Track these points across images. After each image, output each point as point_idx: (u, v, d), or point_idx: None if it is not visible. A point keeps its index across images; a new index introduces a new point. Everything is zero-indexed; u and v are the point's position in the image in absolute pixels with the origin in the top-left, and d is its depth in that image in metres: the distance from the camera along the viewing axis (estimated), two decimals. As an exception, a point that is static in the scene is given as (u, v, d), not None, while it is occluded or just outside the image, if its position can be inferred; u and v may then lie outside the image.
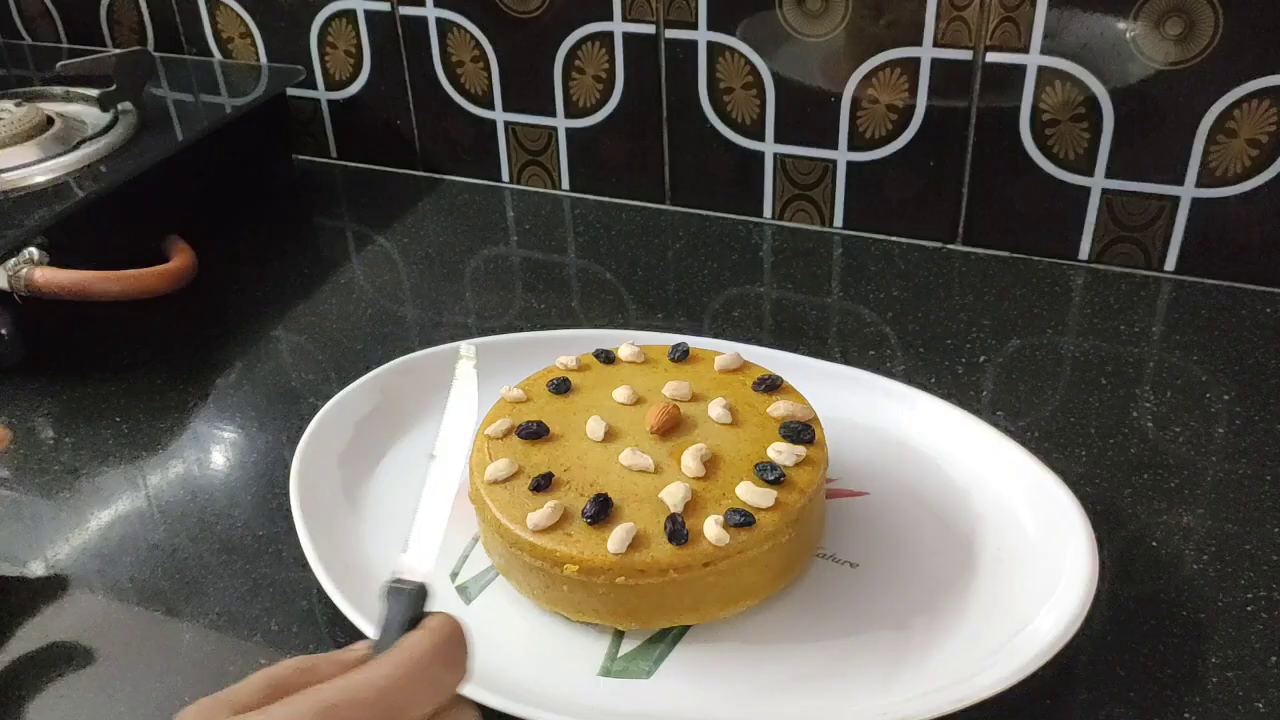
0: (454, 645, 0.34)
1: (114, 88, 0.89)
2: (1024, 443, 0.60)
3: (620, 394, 0.59)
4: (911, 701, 0.48)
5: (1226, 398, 0.68)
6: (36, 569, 0.60)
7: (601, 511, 0.51)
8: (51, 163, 0.82)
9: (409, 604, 0.35)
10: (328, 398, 0.67)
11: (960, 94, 0.79)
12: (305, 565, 0.56)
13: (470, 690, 0.47)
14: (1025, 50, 0.76)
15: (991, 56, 0.77)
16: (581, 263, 0.87)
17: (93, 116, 0.89)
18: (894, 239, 0.86)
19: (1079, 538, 0.53)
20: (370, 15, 0.94)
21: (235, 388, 0.74)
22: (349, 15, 0.95)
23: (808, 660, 0.52)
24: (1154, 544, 0.58)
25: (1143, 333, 0.74)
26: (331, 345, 0.77)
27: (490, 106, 0.95)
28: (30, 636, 0.56)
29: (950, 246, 0.85)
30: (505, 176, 0.98)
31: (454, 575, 0.57)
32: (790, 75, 0.84)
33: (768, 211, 0.90)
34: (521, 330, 0.76)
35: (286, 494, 0.60)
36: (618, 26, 0.87)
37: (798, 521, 0.52)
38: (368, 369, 0.69)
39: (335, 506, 0.60)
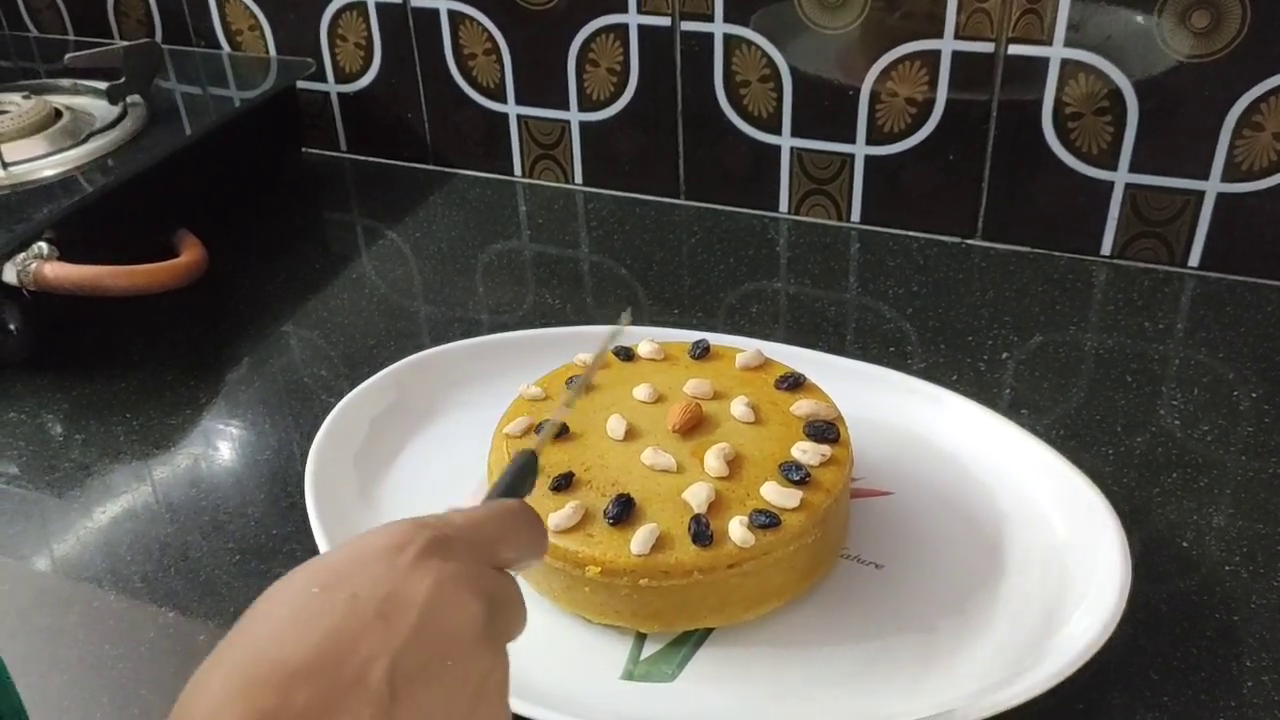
0: (531, 516, 0.39)
1: (122, 80, 0.88)
2: (1049, 441, 0.59)
3: (640, 392, 0.58)
4: (942, 707, 0.47)
5: (1254, 395, 0.67)
6: (46, 567, 0.59)
7: (624, 512, 0.50)
8: (60, 156, 0.81)
9: (515, 472, 0.41)
10: (339, 394, 0.66)
11: (981, 87, 0.78)
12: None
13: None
14: (1048, 42, 0.75)
15: (1013, 49, 0.76)
16: (595, 258, 0.86)
17: (101, 109, 0.88)
18: (913, 234, 0.85)
19: (1110, 539, 0.52)
20: (381, 7, 0.93)
21: (246, 384, 0.73)
22: (359, 7, 0.94)
23: (833, 664, 0.51)
24: (1184, 545, 0.57)
25: (1167, 329, 0.73)
26: (343, 341, 0.76)
27: (502, 100, 0.94)
28: (40, 637, 0.55)
29: (970, 241, 0.84)
30: (517, 170, 0.97)
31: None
32: (808, 68, 0.83)
33: (784, 206, 0.89)
34: (535, 326, 0.75)
35: (300, 492, 0.59)
36: (632, 19, 0.85)
37: (823, 522, 0.51)
38: (380, 365, 0.68)
39: (351, 505, 0.59)
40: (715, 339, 0.62)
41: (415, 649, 0.32)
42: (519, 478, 0.41)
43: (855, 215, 0.87)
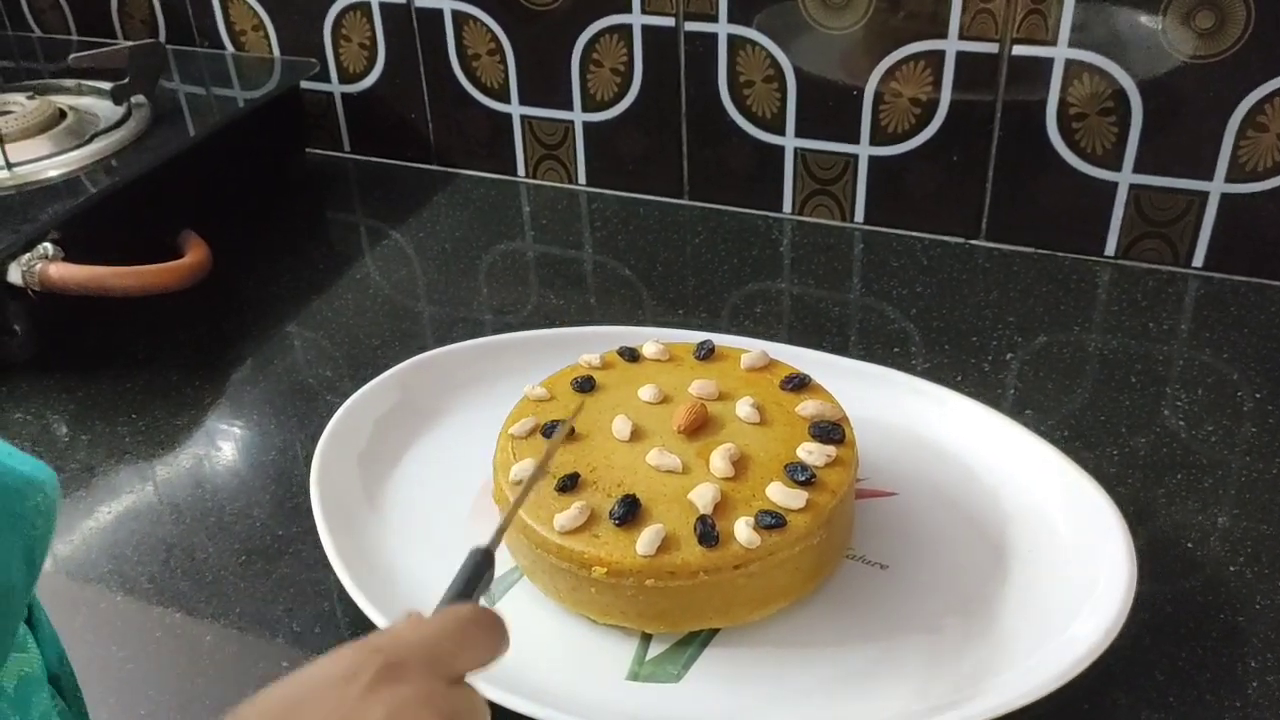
0: (487, 621, 0.37)
1: (127, 81, 0.88)
2: (1053, 441, 0.59)
3: (646, 393, 0.58)
4: (948, 707, 0.47)
5: (1258, 396, 0.67)
6: (51, 568, 0.59)
7: (630, 513, 0.51)
8: (64, 156, 0.81)
9: (467, 575, 0.39)
10: (343, 395, 0.66)
11: (985, 87, 0.78)
12: (326, 566, 0.55)
13: (495, 694, 0.47)
14: (1053, 43, 0.75)
15: (1018, 49, 0.76)
16: (599, 258, 0.86)
17: (105, 110, 0.88)
18: (916, 234, 0.85)
19: (1116, 540, 0.52)
20: (385, 7, 0.93)
21: (251, 384, 0.73)
22: (363, 7, 0.94)
23: (839, 664, 0.51)
24: (1189, 545, 0.57)
25: (1171, 330, 0.73)
26: (347, 341, 0.76)
27: (506, 100, 0.94)
28: (48, 638, 0.55)
29: (974, 242, 0.84)
30: (521, 171, 0.97)
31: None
32: (812, 69, 0.83)
33: (787, 206, 0.89)
34: (538, 327, 0.75)
35: (305, 493, 0.59)
36: (636, 19, 0.85)
37: (829, 523, 0.51)
38: (384, 366, 0.68)
39: (355, 506, 0.59)
40: (720, 339, 0.63)
41: None
42: (473, 578, 0.39)
43: (859, 216, 0.87)
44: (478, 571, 0.39)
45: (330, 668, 0.33)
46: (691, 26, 0.84)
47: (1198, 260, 0.79)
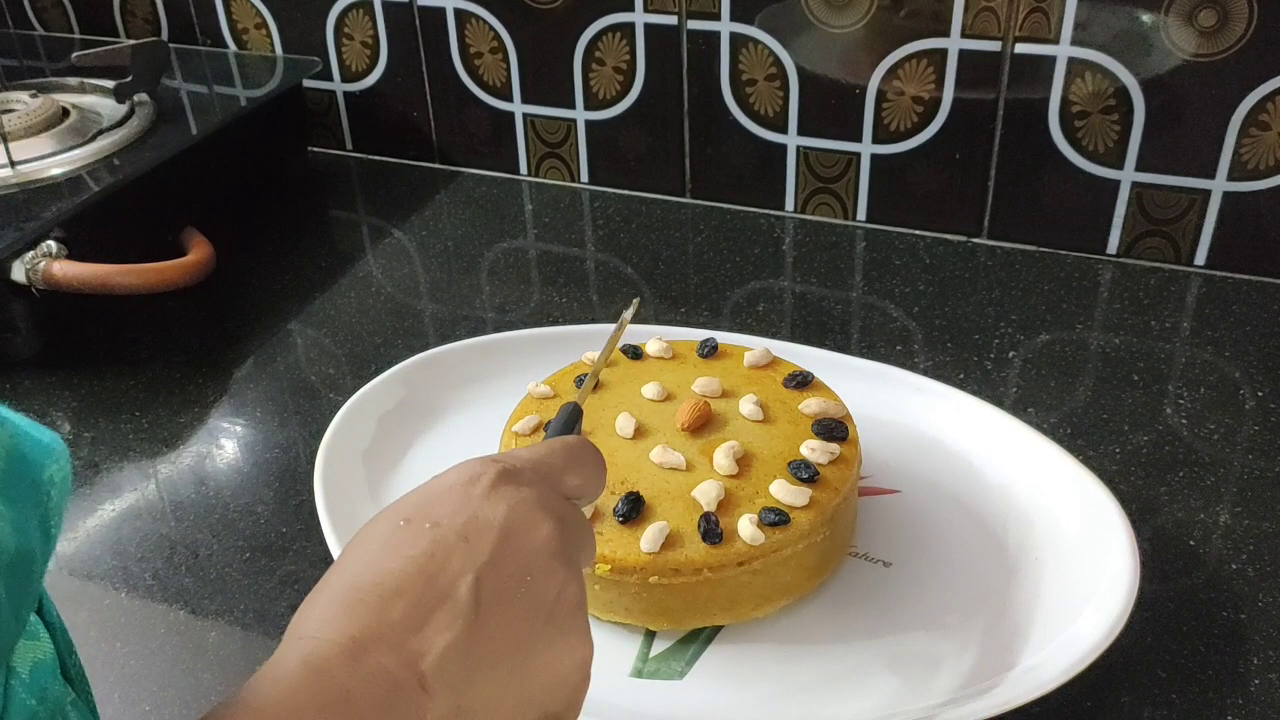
0: (590, 448, 0.42)
1: (130, 79, 0.88)
2: (1056, 440, 0.59)
3: (649, 390, 0.58)
4: (950, 705, 0.47)
5: (1260, 394, 0.67)
6: (55, 565, 0.59)
7: (633, 510, 0.51)
8: (68, 155, 0.81)
9: (565, 418, 0.45)
10: (345, 393, 0.66)
11: (988, 86, 0.78)
12: (329, 563, 0.54)
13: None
14: (1055, 41, 0.75)
15: (1020, 48, 0.76)
16: (601, 256, 0.86)
17: (108, 108, 0.88)
18: (918, 233, 0.85)
19: (1119, 538, 0.52)
20: (387, 6, 0.93)
21: (253, 382, 0.73)
22: (366, 6, 0.94)
23: (843, 660, 0.51)
24: (1191, 543, 0.57)
25: (1173, 328, 0.73)
26: (349, 340, 0.76)
27: (508, 98, 0.94)
28: (52, 635, 0.55)
29: (976, 240, 0.84)
30: (523, 169, 0.97)
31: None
32: (814, 67, 0.83)
33: (790, 205, 0.89)
34: (540, 324, 0.75)
35: (308, 490, 0.60)
36: (639, 17, 0.86)
37: (832, 520, 0.52)
38: (386, 364, 0.68)
39: (359, 504, 0.59)
40: (722, 337, 0.63)
41: (497, 566, 0.35)
42: (567, 426, 0.45)
43: (861, 214, 0.87)
44: (570, 420, 0.45)
45: (455, 475, 0.37)
46: (694, 25, 0.84)
47: (1200, 258, 0.79)
